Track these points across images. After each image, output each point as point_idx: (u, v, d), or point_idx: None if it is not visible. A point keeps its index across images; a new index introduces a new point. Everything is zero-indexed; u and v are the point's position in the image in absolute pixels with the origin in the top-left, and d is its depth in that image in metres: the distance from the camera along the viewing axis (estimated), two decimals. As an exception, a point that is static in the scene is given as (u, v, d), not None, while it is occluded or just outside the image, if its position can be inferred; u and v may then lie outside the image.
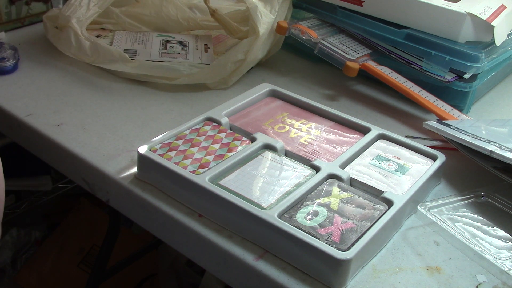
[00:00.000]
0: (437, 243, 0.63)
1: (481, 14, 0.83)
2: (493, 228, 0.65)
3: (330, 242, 0.57)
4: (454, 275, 0.59)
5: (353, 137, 0.75)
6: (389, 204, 0.63)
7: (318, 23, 0.97)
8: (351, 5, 0.93)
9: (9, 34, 1.03)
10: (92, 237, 1.35)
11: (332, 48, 0.91)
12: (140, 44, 0.96)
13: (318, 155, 0.71)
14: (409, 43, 0.87)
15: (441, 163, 0.71)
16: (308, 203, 0.62)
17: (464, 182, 0.73)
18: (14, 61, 0.91)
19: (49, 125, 0.78)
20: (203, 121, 0.75)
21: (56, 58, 0.95)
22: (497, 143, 0.69)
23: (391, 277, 0.58)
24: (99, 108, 0.83)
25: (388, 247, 0.62)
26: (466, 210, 0.67)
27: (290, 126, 0.76)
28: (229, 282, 0.64)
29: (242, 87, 0.91)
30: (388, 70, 0.89)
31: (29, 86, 0.88)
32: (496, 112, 0.92)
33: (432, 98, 0.86)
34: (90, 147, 0.74)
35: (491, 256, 0.60)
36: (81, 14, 0.92)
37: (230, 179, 0.65)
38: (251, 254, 0.59)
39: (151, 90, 0.89)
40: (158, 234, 0.70)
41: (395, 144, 0.74)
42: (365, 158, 0.71)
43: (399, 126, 0.85)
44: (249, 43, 0.89)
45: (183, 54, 0.95)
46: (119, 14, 1.03)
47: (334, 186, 0.65)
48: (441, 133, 0.75)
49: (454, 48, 0.84)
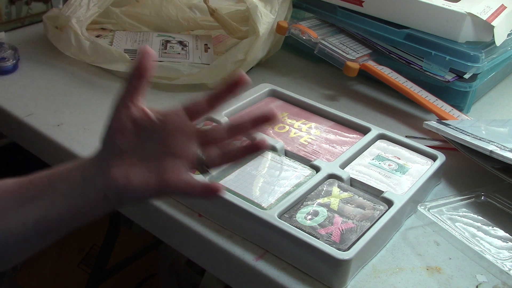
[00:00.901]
0: (437, 243, 0.63)
1: (481, 14, 0.83)
2: (493, 228, 0.65)
3: (330, 242, 0.57)
4: (454, 275, 0.59)
5: (353, 137, 0.75)
6: (389, 204, 0.63)
7: (318, 23, 0.97)
8: (351, 5, 0.93)
9: (9, 34, 1.03)
10: (92, 237, 1.34)
11: (332, 48, 0.91)
12: (140, 44, 0.96)
13: (318, 155, 0.71)
14: (409, 43, 0.87)
15: (441, 163, 0.71)
16: (308, 203, 0.62)
17: (464, 182, 0.73)
18: (14, 61, 0.91)
19: (49, 125, 0.78)
20: (203, 121, 0.75)
21: (56, 58, 0.95)
22: (497, 143, 0.69)
23: (391, 277, 0.58)
24: (99, 108, 0.83)
25: (388, 247, 0.62)
26: (466, 210, 0.67)
27: (290, 126, 0.76)
28: (229, 282, 0.64)
29: (242, 87, 0.90)
30: (388, 70, 0.89)
31: (29, 86, 0.88)
32: (496, 112, 0.92)
33: (432, 98, 0.86)
34: (90, 147, 0.74)
35: (491, 256, 0.60)
36: (81, 14, 0.92)
37: (230, 179, 0.65)
38: (251, 254, 0.59)
39: (151, 90, 0.88)
40: (158, 234, 0.70)
41: (395, 144, 0.74)
42: (365, 158, 0.71)
43: (399, 126, 0.85)
44: (249, 43, 0.89)
45: (183, 54, 0.95)
46: (119, 14, 1.03)
47: (334, 186, 0.65)
48: (441, 133, 0.75)
49: (454, 48, 0.84)
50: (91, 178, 0.49)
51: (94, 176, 0.49)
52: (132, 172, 0.48)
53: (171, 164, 0.49)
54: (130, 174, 0.48)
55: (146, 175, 0.48)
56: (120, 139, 0.48)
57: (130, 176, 0.48)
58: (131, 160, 0.49)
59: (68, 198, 0.49)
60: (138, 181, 0.48)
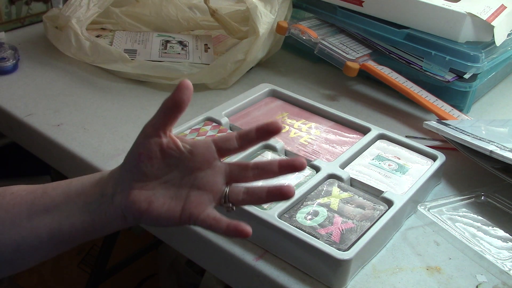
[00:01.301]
0: (437, 243, 0.63)
1: (481, 14, 0.83)
2: (493, 228, 0.65)
3: (330, 242, 0.57)
4: (454, 275, 0.59)
5: (353, 137, 0.75)
6: (389, 204, 0.63)
7: (318, 23, 0.97)
8: (351, 5, 0.93)
9: (9, 34, 1.03)
10: (92, 237, 1.35)
11: (332, 48, 0.91)
12: (140, 44, 0.96)
13: (318, 155, 0.71)
14: (409, 43, 0.87)
15: (441, 163, 0.71)
16: (308, 203, 0.62)
17: (464, 182, 0.73)
18: (14, 61, 0.91)
19: (49, 125, 0.78)
20: (203, 121, 0.75)
21: (56, 58, 0.95)
22: (497, 143, 0.69)
23: (391, 277, 0.58)
24: (99, 108, 0.83)
25: (388, 247, 0.62)
26: (466, 210, 0.67)
27: (290, 126, 0.76)
28: (229, 282, 0.64)
29: (242, 87, 0.90)
30: (388, 70, 0.89)
31: (29, 86, 0.88)
32: (496, 112, 0.92)
33: (432, 98, 0.86)
34: (90, 147, 0.74)
35: (491, 256, 0.60)
36: (81, 14, 0.92)
37: (230, 179, 0.65)
38: (251, 254, 0.59)
39: (151, 90, 0.89)
40: (158, 234, 0.70)
41: (395, 144, 0.74)
42: (365, 158, 0.71)
43: (399, 126, 0.85)
44: (249, 43, 0.89)
45: (183, 54, 0.95)
46: (119, 14, 1.03)
47: (334, 186, 0.65)
48: (441, 133, 0.75)
49: (454, 48, 0.84)
50: (110, 197, 0.49)
51: (114, 195, 0.49)
52: (156, 198, 0.48)
53: (197, 197, 0.49)
54: (153, 200, 0.48)
55: (170, 203, 0.49)
56: (146, 166, 0.48)
57: (153, 202, 0.48)
58: (155, 185, 0.49)
59: (83, 213, 0.50)
60: (161, 207, 0.48)
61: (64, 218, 0.49)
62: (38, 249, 0.50)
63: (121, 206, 0.49)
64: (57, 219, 0.49)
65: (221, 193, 0.49)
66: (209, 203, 0.49)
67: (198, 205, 0.48)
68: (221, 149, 0.50)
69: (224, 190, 0.49)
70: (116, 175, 0.50)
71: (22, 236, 0.49)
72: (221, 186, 0.49)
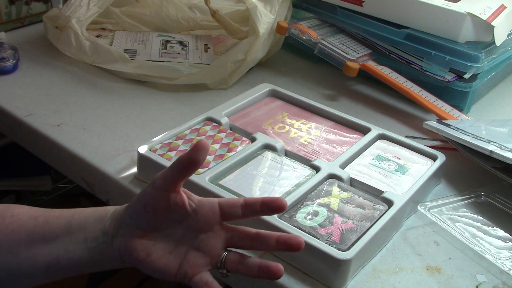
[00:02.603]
0: (437, 243, 0.63)
1: (481, 14, 0.83)
2: (493, 228, 0.65)
3: (330, 242, 0.57)
4: (454, 275, 0.59)
5: (353, 137, 0.75)
6: (389, 204, 0.63)
7: (318, 23, 0.97)
8: (351, 5, 0.93)
9: (9, 34, 1.03)
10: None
11: (332, 48, 0.91)
12: (140, 44, 0.96)
13: (318, 155, 0.71)
14: (409, 43, 0.87)
15: (441, 163, 0.71)
16: (308, 203, 0.62)
17: (464, 182, 0.73)
18: (14, 61, 0.91)
19: (49, 125, 0.78)
20: (203, 121, 0.75)
21: (56, 58, 0.95)
22: (497, 143, 0.69)
23: (391, 277, 0.58)
24: (99, 108, 0.83)
25: (388, 247, 0.62)
26: (466, 210, 0.67)
27: (290, 126, 0.76)
28: (229, 282, 0.63)
29: (242, 87, 0.91)
30: (388, 70, 0.89)
31: (29, 86, 0.88)
32: (496, 112, 0.92)
33: (432, 98, 0.86)
34: (90, 147, 0.74)
35: (491, 256, 0.60)
36: (81, 14, 0.92)
37: (230, 179, 0.65)
38: (251, 254, 0.59)
39: (151, 90, 0.89)
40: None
41: (395, 144, 0.74)
42: (365, 158, 0.71)
43: (399, 126, 0.85)
44: (249, 43, 0.89)
45: (183, 54, 0.95)
46: (119, 14, 1.03)
47: (334, 186, 0.65)
48: (441, 133, 0.75)
49: (454, 48, 0.84)
50: (111, 237, 0.50)
51: (114, 237, 0.50)
52: (155, 250, 0.49)
53: (195, 258, 0.50)
54: (152, 252, 0.49)
55: (168, 258, 0.49)
56: (150, 217, 0.49)
57: (151, 253, 0.49)
58: (156, 237, 0.50)
59: (83, 250, 0.50)
60: (159, 261, 0.49)
61: (63, 252, 0.50)
62: (33, 277, 0.50)
63: (120, 250, 0.49)
64: (56, 251, 0.50)
65: (218, 257, 0.50)
66: (205, 266, 0.50)
67: (194, 266, 0.49)
68: (225, 213, 0.51)
69: (222, 255, 0.51)
70: (119, 217, 0.51)
71: (18, 263, 0.49)
72: (219, 251, 0.51)
